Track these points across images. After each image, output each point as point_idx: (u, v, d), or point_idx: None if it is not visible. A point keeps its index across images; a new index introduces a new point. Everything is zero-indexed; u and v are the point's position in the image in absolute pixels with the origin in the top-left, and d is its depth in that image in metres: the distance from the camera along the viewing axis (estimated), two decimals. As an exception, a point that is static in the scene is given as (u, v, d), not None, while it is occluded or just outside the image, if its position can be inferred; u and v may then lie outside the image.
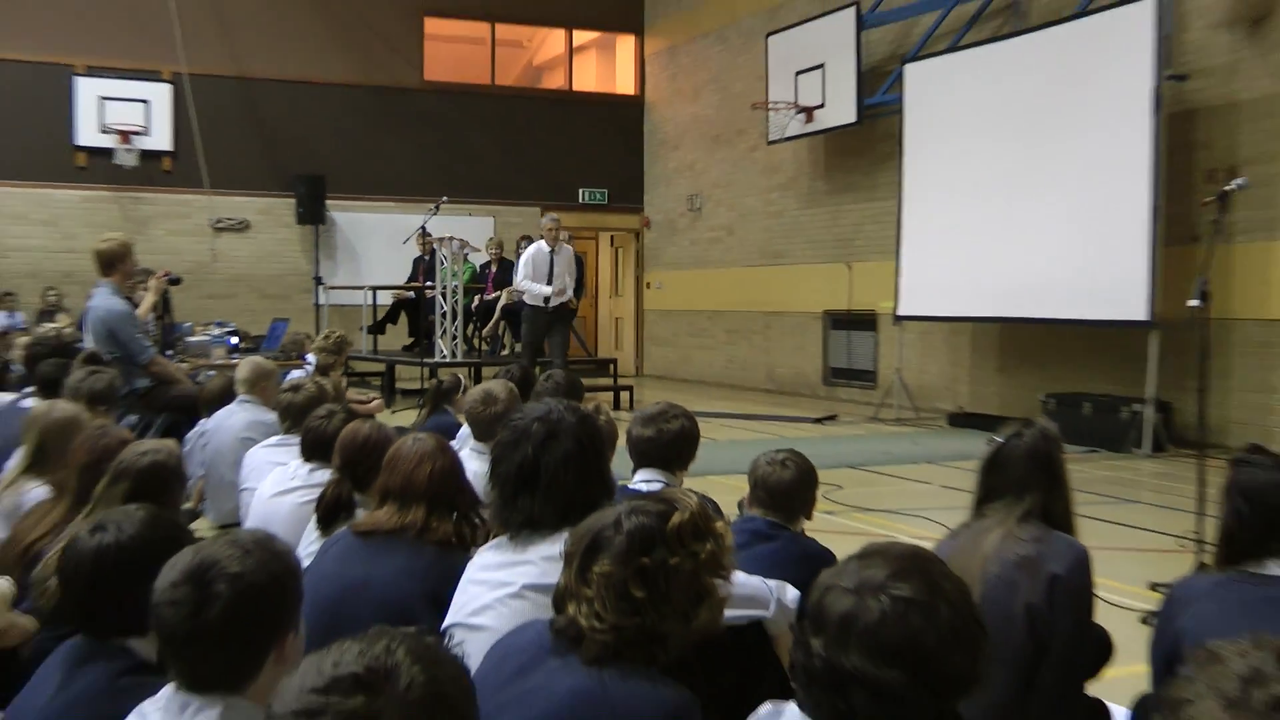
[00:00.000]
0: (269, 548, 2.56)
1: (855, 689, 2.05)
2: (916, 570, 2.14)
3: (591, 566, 2.67)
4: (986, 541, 3.81)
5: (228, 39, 21.82)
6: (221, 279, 21.84)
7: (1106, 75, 13.22)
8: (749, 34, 21.11)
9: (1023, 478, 3.95)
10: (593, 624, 2.62)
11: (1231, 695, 1.59)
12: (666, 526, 2.69)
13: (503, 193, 23.57)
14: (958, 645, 2.08)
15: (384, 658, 1.79)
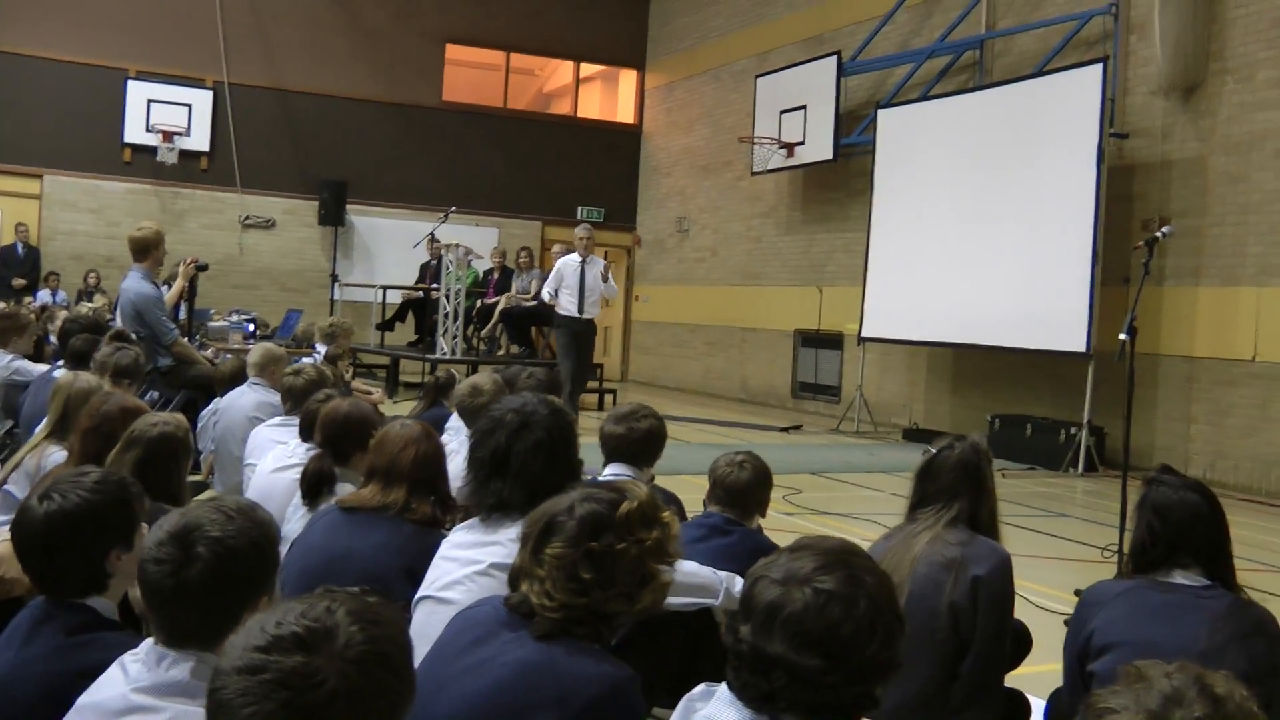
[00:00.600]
0: (251, 515, 2.55)
1: (778, 673, 2.08)
2: (841, 564, 2.15)
3: (544, 548, 2.69)
4: (917, 544, 3.89)
5: (267, 53, 21.93)
6: (247, 271, 21.93)
7: (1057, 130, 13.35)
8: (740, 75, 21.22)
9: (952, 485, 4.02)
10: (543, 602, 2.64)
11: (1153, 710, 1.65)
12: (616, 514, 2.71)
13: (508, 206, 23.64)
14: (875, 636, 2.10)
15: (324, 618, 1.75)
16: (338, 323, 11.13)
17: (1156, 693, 1.67)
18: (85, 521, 2.73)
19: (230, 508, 2.55)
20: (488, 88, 24.18)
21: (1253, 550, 8.78)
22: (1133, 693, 1.68)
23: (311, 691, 1.67)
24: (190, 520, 2.47)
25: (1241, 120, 12.48)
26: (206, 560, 2.41)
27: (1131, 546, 3.68)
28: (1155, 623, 3.41)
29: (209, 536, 2.43)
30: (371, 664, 1.73)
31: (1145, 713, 1.64)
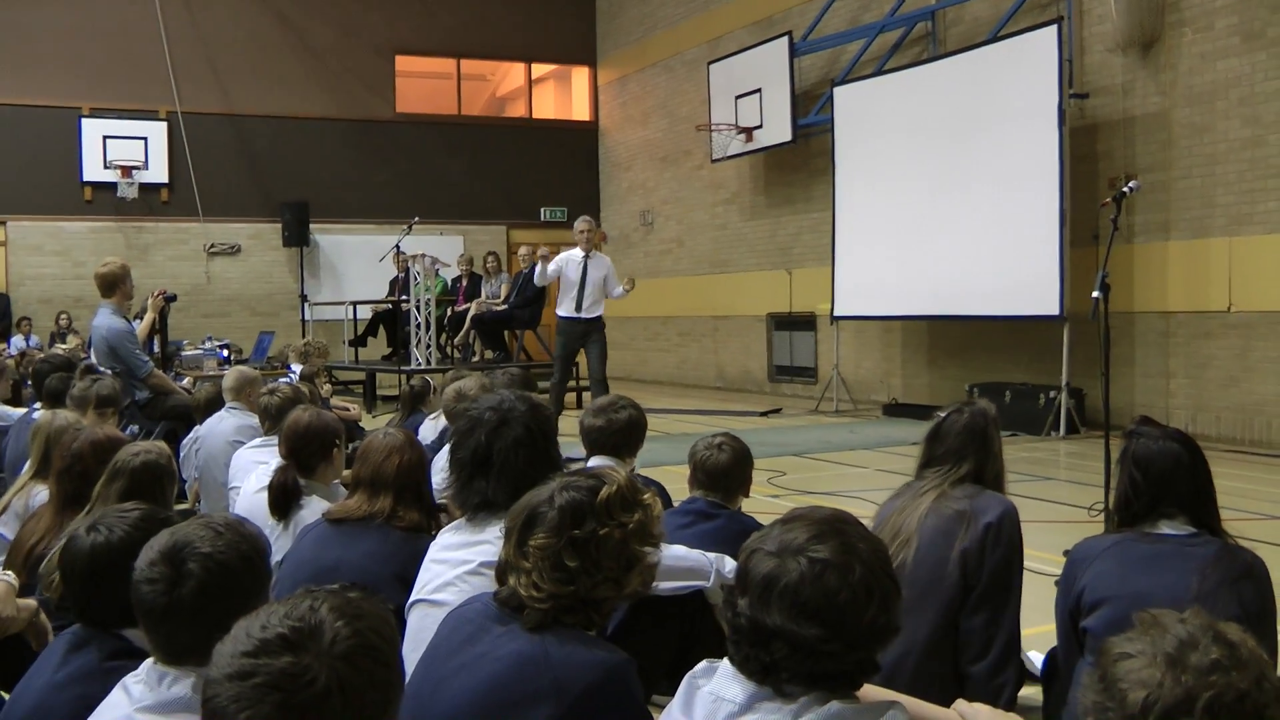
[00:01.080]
0: (239, 530, 2.56)
1: (778, 644, 2.07)
2: (834, 533, 2.15)
3: (528, 540, 2.69)
4: (925, 500, 4.00)
5: (217, 80, 21.82)
6: (216, 299, 21.87)
7: (1016, 94, 13.31)
8: (692, 63, 21.17)
9: (959, 448, 4.12)
10: (531, 593, 2.64)
11: (1170, 654, 1.68)
12: (596, 500, 2.71)
13: (471, 213, 23.58)
14: (872, 601, 2.10)
15: (308, 616, 1.76)
16: (311, 342, 11.11)
17: (1172, 637, 1.71)
18: (128, 555, 2.68)
19: (219, 523, 2.56)
20: (441, 96, 24.11)
21: (1237, 499, 8.76)
22: (1148, 638, 1.72)
23: (304, 690, 1.67)
24: (180, 538, 2.48)
25: (1203, 71, 12.42)
26: (198, 577, 2.42)
27: (1115, 501, 3.68)
28: (1144, 574, 3.41)
29: (199, 553, 2.44)
30: (360, 658, 1.73)
31: (1162, 655, 1.68)
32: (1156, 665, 1.68)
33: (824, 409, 16.35)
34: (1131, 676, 1.69)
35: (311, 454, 4.91)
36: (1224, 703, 1.64)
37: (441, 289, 18.43)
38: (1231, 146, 12.15)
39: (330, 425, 5.03)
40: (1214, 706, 1.64)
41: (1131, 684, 1.68)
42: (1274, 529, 7.89)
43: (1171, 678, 1.66)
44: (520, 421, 3.63)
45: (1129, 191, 7.30)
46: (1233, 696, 1.65)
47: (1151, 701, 1.65)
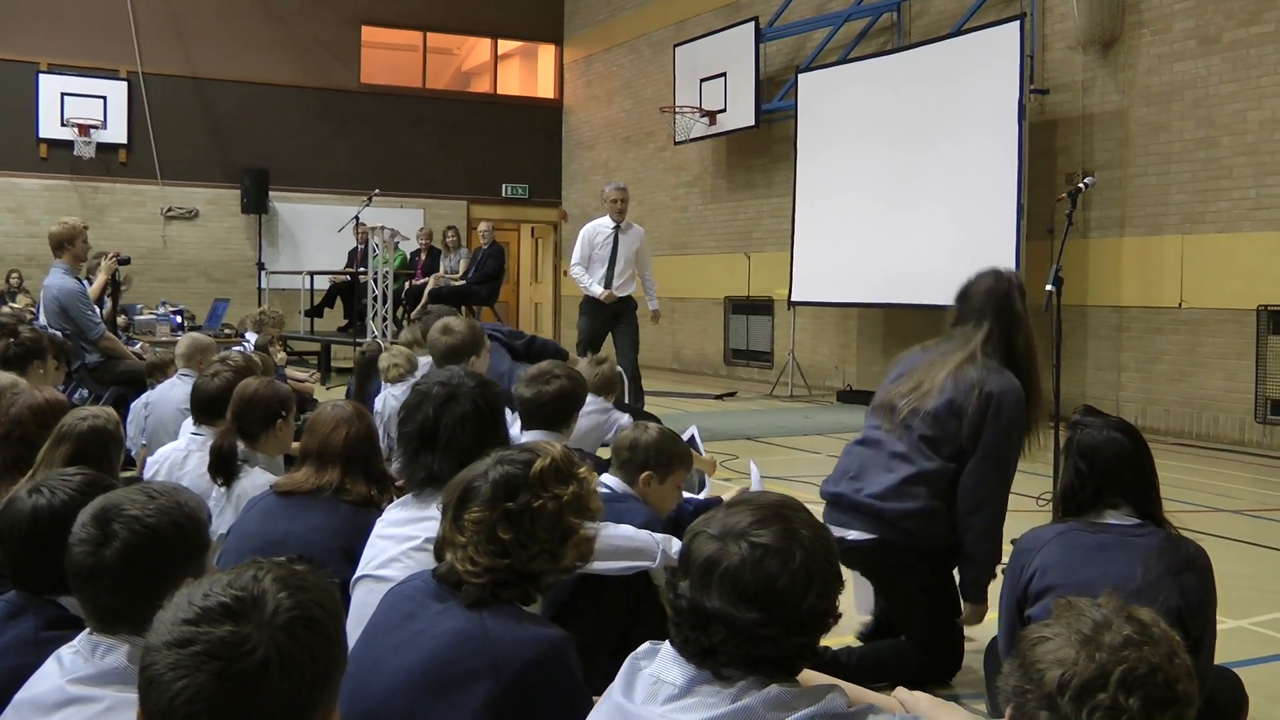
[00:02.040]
0: (175, 497, 2.53)
1: (716, 627, 2.08)
2: (777, 518, 2.16)
3: (463, 515, 2.69)
4: (951, 360, 4.50)
5: (181, 41, 21.58)
6: (172, 263, 21.63)
7: (978, 88, 13.36)
8: (658, 45, 21.12)
9: (981, 308, 4.59)
10: (467, 568, 2.65)
11: (1085, 634, 1.76)
12: (529, 472, 2.72)
13: (432, 187, 23.47)
14: (811, 587, 2.10)
15: (251, 586, 1.74)
16: (266, 311, 11.03)
17: (1087, 619, 1.79)
18: (68, 520, 2.64)
19: (155, 489, 2.54)
20: (406, 69, 24.00)
21: (1184, 492, 8.91)
22: (1064, 622, 1.80)
23: (242, 660, 1.65)
24: (110, 500, 2.47)
25: (1160, 72, 12.54)
26: (124, 539, 2.39)
27: (1060, 491, 3.71)
28: (1089, 564, 3.43)
29: (128, 515, 2.42)
30: (301, 629, 1.71)
31: (1078, 636, 1.75)
32: (1072, 645, 1.74)
33: (779, 394, 16.38)
34: (1048, 657, 1.74)
35: (254, 421, 4.85)
36: (1137, 676, 1.70)
37: (400, 262, 18.36)
38: (1186, 146, 12.26)
39: (277, 395, 4.96)
40: (1127, 680, 1.70)
41: (1048, 664, 1.73)
42: (1219, 521, 8.00)
43: (1086, 655, 1.72)
44: (469, 397, 3.62)
45: (1084, 187, 7.36)
46: (1145, 670, 1.71)
47: (1067, 679, 1.71)
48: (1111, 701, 1.70)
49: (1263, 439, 11.58)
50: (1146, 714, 1.71)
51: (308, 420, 4.36)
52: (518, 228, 25.44)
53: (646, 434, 4.45)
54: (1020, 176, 12.78)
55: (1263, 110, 11.62)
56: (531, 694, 2.54)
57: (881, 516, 4.50)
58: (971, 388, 4.41)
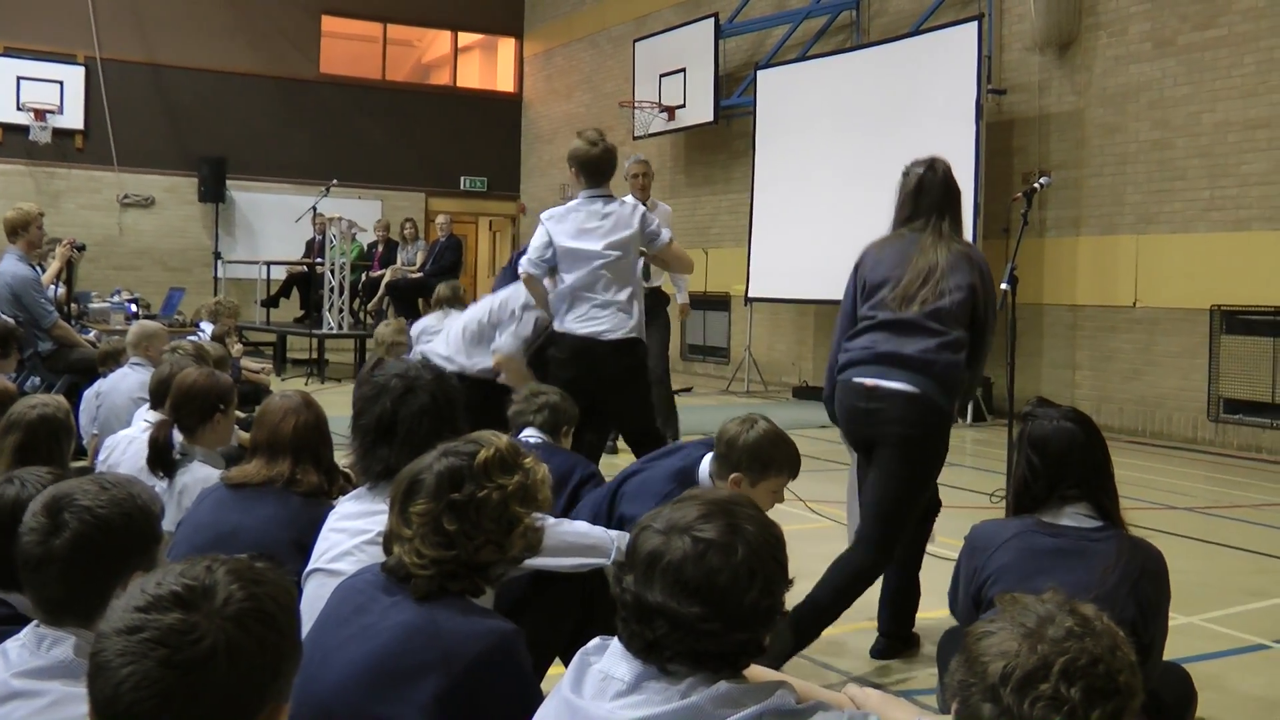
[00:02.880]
0: (127, 488, 2.51)
1: (659, 622, 2.08)
2: (722, 513, 2.16)
3: (409, 508, 2.69)
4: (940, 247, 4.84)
5: (140, 27, 21.42)
6: (127, 252, 21.48)
7: (936, 87, 13.40)
8: (618, 40, 21.12)
9: (939, 201, 4.99)
10: (414, 560, 2.64)
11: (1030, 628, 1.78)
12: (474, 463, 2.72)
13: (390, 178, 23.37)
14: (754, 583, 2.10)
15: (203, 576, 1.73)
16: (222, 301, 10.95)
17: (1032, 613, 1.81)
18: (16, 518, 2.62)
19: (108, 479, 2.51)
20: (366, 59, 23.90)
21: (1138, 489, 8.96)
22: (1008, 616, 1.82)
23: (189, 648, 1.64)
24: (61, 490, 2.44)
25: (1116, 73, 12.63)
26: (74, 529, 2.37)
27: (1014, 485, 3.68)
28: (1045, 571, 3.37)
29: (79, 505, 2.40)
30: (251, 621, 1.70)
31: (1021, 629, 1.78)
32: (1015, 638, 1.77)
33: (735, 389, 16.38)
34: (992, 650, 1.76)
35: (191, 414, 4.82)
36: (1078, 666, 1.72)
37: (357, 253, 18.25)
38: (1141, 148, 12.35)
39: (216, 388, 4.91)
40: (1069, 670, 1.72)
41: (992, 657, 1.75)
42: (1172, 518, 8.06)
43: (1028, 648, 1.74)
44: (426, 390, 3.60)
45: (1040, 187, 7.37)
46: (1086, 660, 1.73)
47: (1010, 670, 1.72)
48: (1053, 692, 1.72)
49: (1215, 437, 11.68)
50: (1088, 704, 1.72)
51: (258, 411, 4.31)
52: (476, 220, 25.40)
53: (749, 433, 4.30)
54: (977, 176, 12.81)
55: (1216, 113, 11.71)
56: (481, 687, 2.53)
57: (931, 367, 4.69)
58: (972, 266, 4.82)
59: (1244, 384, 11.47)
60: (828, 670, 4.86)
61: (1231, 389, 11.58)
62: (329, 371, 16.57)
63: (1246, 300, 11.39)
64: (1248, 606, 6.01)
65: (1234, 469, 10.63)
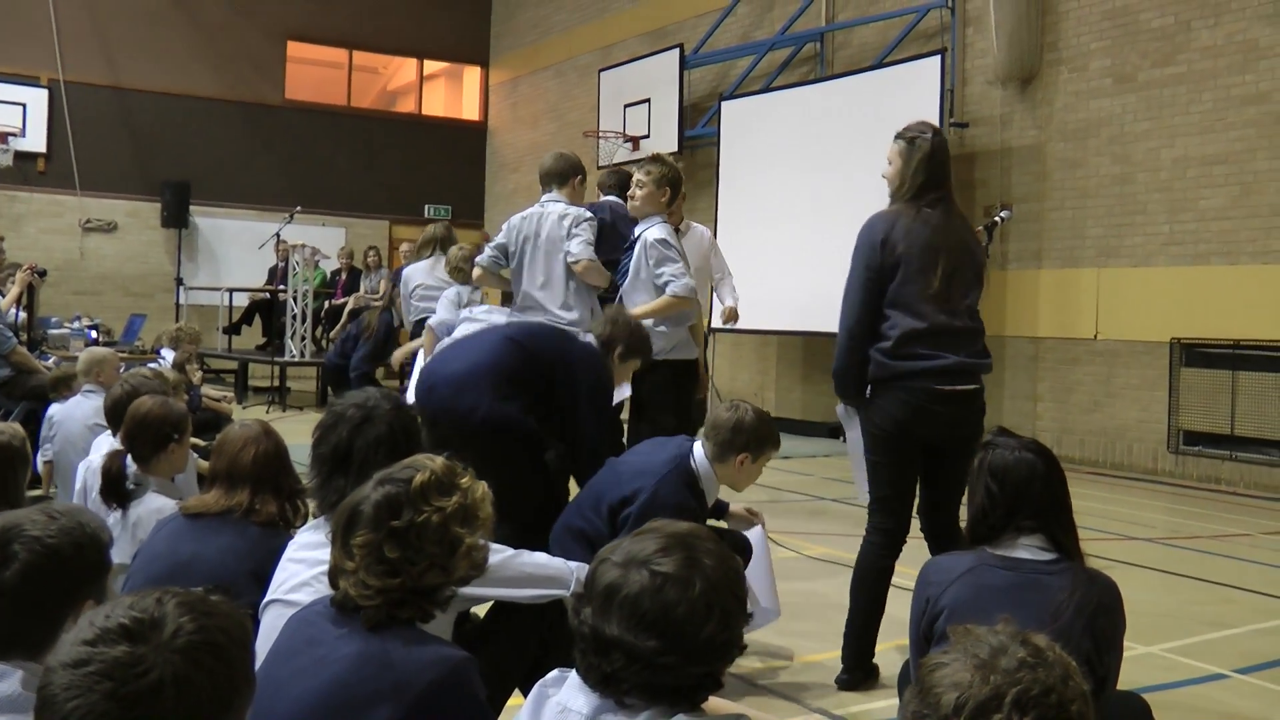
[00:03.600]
0: (77, 518, 2.49)
1: (616, 654, 2.08)
2: (681, 546, 2.16)
3: (350, 540, 2.67)
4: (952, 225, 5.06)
5: (104, 50, 21.32)
6: (89, 277, 21.32)
7: (899, 120, 13.06)
8: (583, 69, 21.15)
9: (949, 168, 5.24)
10: (360, 592, 2.62)
11: (983, 659, 1.76)
12: (410, 488, 2.71)
13: (354, 206, 23.32)
14: (711, 617, 2.10)
15: (152, 609, 1.71)
16: (183, 327, 10.89)
17: (984, 644, 1.80)
18: None
19: (57, 509, 2.49)
20: (331, 86, 23.87)
21: (1098, 520, 9.07)
22: (961, 648, 1.81)
23: (135, 681, 1.63)
24: (10, 520, 2.42)
25: (1077, 108, 12.74)
26: (23, 560, 2.35)
27: (972, 515, 3.62)
28: (1001, 607, 3.14)
29: (27, 536, 2.38)
30: (201, 653, 1.69)
31: (974, 660, 1.77)
32: (968, 669, 1.75)
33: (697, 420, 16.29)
34: (945, 681, 1.75)
35: (144, 443, 4.78)
36: (1030, 696, 1.72)
37: (320, 281, 18.20)
38: (1101, 182, 12.45)
39: (170, 417, 4.86)
40: (1021, 700, 1.71)
41: (945, 688, 1.74)
42: (1132, 549, 8.09)
43: (981, 678, 1.73)
44: (384, 420, 3.58)
45: (1000, 221, 7.41)
46: (1039, 690, 1.72)
47: (963, 701, 1.71)
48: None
49: (1175, 468, 11.74)
50: None
51: (217, 440, 4.26)
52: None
53: (748, 417, 4.80)
54: (939, 208, 12.86)
55: (1175, 148, 11.81)
56: (434, 716, 2.52)
57: (984, 370, 5.09)
58: (977, 247, 5.21)
59: (1203, 416, 11.54)
60: (789, 702, 4.84)
61: (1191, 421, 11.65)
62: (291, 399, 16.52)
63: (1206, 333, 11.47)
64: (1207, 636, 6.02)
65: (1193, 500, 10.67)
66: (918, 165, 5.11)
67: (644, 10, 19.73)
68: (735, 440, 4.74)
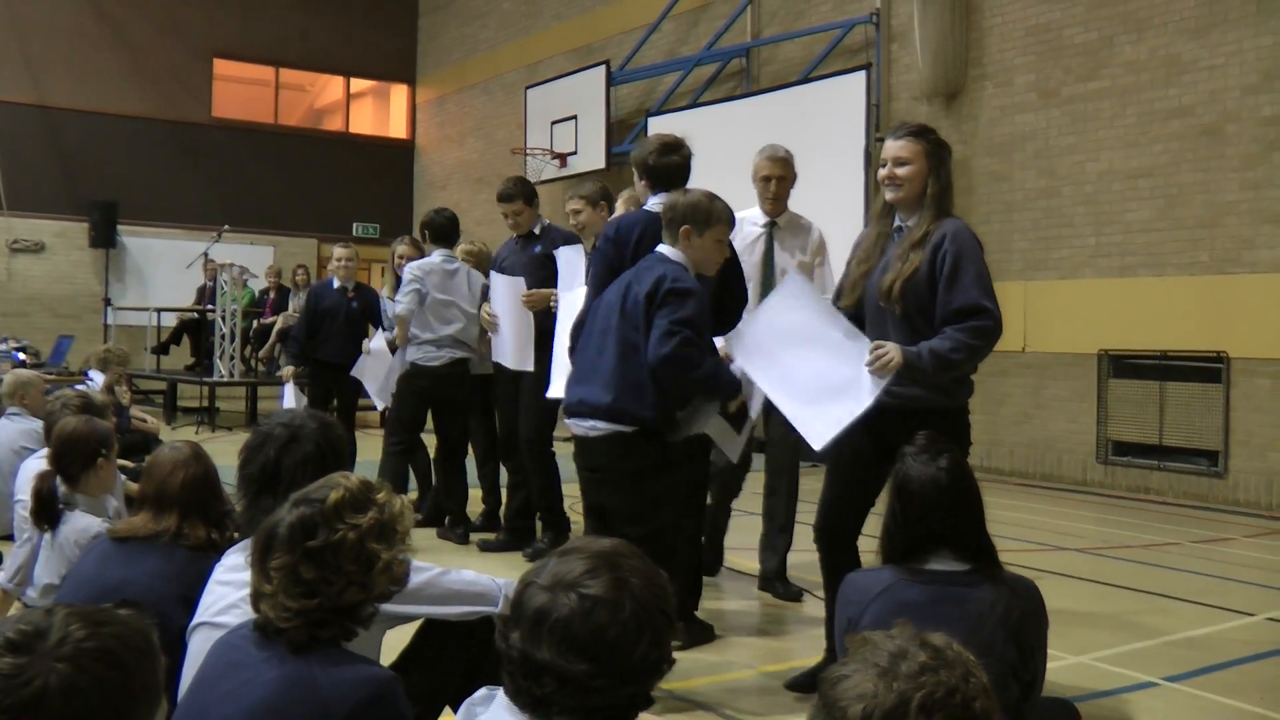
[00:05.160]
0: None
1: (547, 679, 2.05)
2: (608, 567, 2.12)
3: (268, 564, 2.64)
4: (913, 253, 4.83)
5: (29, 68, 20.99)
6: (16, 298, 20.96)
7: (825, 135, 13.39)
8: (510, 87, 21.06)
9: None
10: (280, 614, 2.59)
11: (883, 667, 1.74)
12: (324, 507, 2.68)
13: (282, 224, 23.09)
14: (642, 638, 2.07)
15: (39, 621, 1.70)
16: (111, 349, 10.67)
17: (883, 652, 1.78)
18: None
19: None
20: (258, 104, 23.67)
21: (1028, 531, 9.08)
22: (861, 657, 1.79)
23: (17, 691, 1.62)
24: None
25: (1002, 123, 12.77)
26: None
27: (881, 531, 3.55)
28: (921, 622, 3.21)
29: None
30: (90, 661, 1.67)
31: (875, 669, 1.74)
32: (870, 679, 1.74)
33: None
34: (850, 694, 1.73)
35: (73, 462, 4.76)
36: (935, 699, 1.71)
37: (249, 300, 17.96)
38: (1028, 196, 12.46)
39: (96, 433, 4.85)
40: (927, 704, 1.70)
41: (850, 700, 1.72)
42: (1062, 559, 8.05)
43: (885, 685, 1.72)
44: (311, 439, 3.52)
45: (927, 234, 7.26)
46: (943, 693, 1.72)
47: (869, 712, 1.69)
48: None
49: (1104, 479, 11.76)
50: None
51: (146, 462, 4.20)
52: (369, 267, 25.00)
53: (685, 196, 5.40)
54: (866, 222, 12.70)
55: (1100, 162, 11.82)
56: None
57: None
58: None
59: (1132, 426, 11.58)
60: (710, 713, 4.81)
61: (1120, 431, 11.68)
62: (220, 419, 16.31)
63: (1133, 345, 11.45)
64: (1138, 645, 6.00)
65: (1123, 510, 10.68)
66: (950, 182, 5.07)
67: (570, 27, 19.69)
68: (672, 220, 5.27)
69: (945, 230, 4.83)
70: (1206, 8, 11.05)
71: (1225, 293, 10.87)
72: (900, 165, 4.92)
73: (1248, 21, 10.78)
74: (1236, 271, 10.83)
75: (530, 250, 8.25)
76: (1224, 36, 10.92)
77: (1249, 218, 10.77)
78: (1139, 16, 11.57)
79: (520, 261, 8.24)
